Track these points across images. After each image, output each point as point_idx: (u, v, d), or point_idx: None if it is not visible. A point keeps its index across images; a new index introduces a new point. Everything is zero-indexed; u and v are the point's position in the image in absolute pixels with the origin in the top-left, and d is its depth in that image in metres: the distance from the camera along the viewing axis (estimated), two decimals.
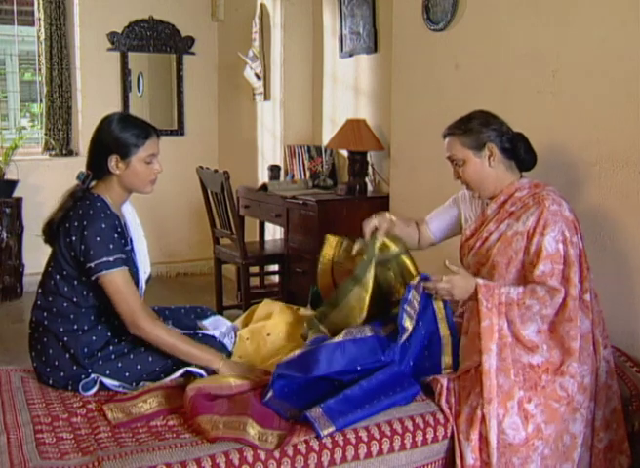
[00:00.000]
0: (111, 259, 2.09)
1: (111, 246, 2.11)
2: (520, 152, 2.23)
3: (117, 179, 2.21)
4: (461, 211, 2.46)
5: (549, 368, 2.06)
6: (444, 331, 2.14)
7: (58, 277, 2.18)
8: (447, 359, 2.12)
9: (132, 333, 2.14)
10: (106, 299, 2.16)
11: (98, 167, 2.22)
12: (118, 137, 2.18)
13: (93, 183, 2.25)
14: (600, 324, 2.19)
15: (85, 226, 2.10)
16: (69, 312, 2.17)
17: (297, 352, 2.09)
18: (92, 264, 2.09)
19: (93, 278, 2.11)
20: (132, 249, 2.28)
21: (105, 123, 2.23)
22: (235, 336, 2.41)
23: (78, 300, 2.18)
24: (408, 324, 2.07)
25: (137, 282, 2.25)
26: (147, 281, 2.40)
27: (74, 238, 2.12)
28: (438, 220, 2.53)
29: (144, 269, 2.35)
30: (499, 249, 2.18)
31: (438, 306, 2.14)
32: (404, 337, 2.07)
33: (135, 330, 2.12)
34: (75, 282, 2.17)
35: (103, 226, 2.11)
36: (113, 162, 2.18)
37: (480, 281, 2.09)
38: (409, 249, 2.35)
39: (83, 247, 2.10)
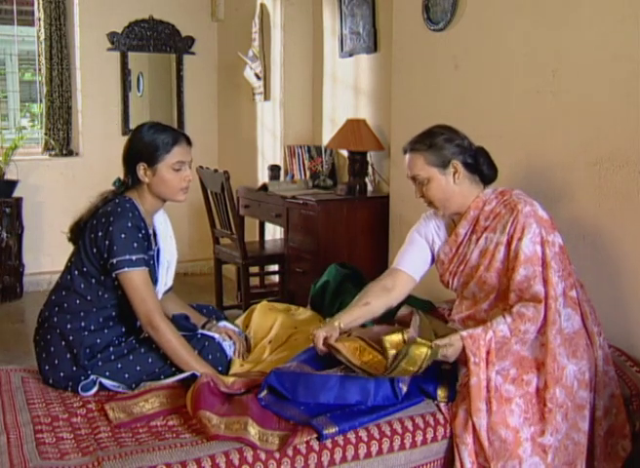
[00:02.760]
0: (133, 258, 2.10)
1: (135, 244, 2.12)
2: (482, 167, 2.20)
3: (148, 188, 2.22)
4: (428, 237, 2.33)
5: (549, 381, 2.01)
6: (445, 364, 2.08)
7: (76, 273, 2.19)
8: (442, 391, 2.05)
9: (145, 333, 2.15)
10: (122, 302, 2.18)
11: (130, 175, 2.24)
12: (145, 145, 2.20)
13: (127, 191, 2.26)
14: (592, 314, 2.17)
15: (111, 222, 2.11)
16: (80, 310, 2.18)
17: (293, 363, 2.06)
18: (114, 260, 2.10)
19: (113, 275, 2.12)
20: (157, 259, 2.29)
21: (136, 131, 2.26)
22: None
23: (92, 299, 2.18)
24: (403, 386, 2.01)
25: None
26: (166, 292, 2.40)
27: (100, 234, 2.13)
28: (408, 257, 2.32)
29: (165, 281, 2.36)
30: (484, 265, 2.15)
31: None
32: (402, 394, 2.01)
33: (150, 329, 2.13)
34: (93, 280, 2.18)
35: (129, 225, 2.12)
36: (141, 170, 2.20)
37: (464, 333, 2.00)
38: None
39: (107, 242, 2.11)
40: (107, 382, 2.13)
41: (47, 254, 5.23)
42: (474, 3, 3.04)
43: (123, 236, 2.10)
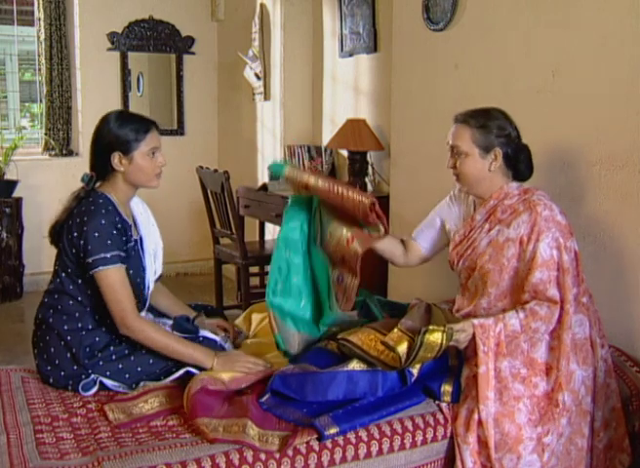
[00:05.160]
0: (108, 256, 2.09)
1: (109, 242, 2.11)
2: (520, 164, 2.20)
3: (122, 176, 2.22)
4: (445, 221, 2.40)
5: (562, 384, 2.02)
6: (453, 360, 2.10)
7: (63, 275, 2.19)
8: (447, 387, 2.05)
9: (121, 333, 2.13)
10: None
11: (101, 167, 2.23)
12: (118, 134, 2.19)
13: (98, 184, 2.26)
14: (597, 324, 2.18)
15: (85, 222, 2.12)
16: (74, 310, 2.18)
17: (298, 365, 2.05)
18: (90, 260, 2.10)
19: (90, 273, 2.11)
20: (141, 247, 2.28)
21: (104, 122, 2.24)
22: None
23: (82, 299, 2.18)
24: (415, 371, 2.03)
25: (142, 281, 2.26)
26: (156, 281, 2.40)
27: (75, 234, 2.13)
28: (424, 233, 2.45)
29: (154, 269, 2.35)
30: (490, 255, 2.15)
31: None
32: (412, 379, 2.02)
33: (124, 329, 2.11)
34: (79, 280, 2.18)
35: (103, 222, 2.12)
36: (116, 159, 2.19)
37: (476, 321, 2.02)
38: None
39: (82, 242, 2.11)
40: (108, 382, 2.13)
41: (47, 255, 5.20)
42: (474, 3, 3.04)
43: (97, 234, 2.10)
